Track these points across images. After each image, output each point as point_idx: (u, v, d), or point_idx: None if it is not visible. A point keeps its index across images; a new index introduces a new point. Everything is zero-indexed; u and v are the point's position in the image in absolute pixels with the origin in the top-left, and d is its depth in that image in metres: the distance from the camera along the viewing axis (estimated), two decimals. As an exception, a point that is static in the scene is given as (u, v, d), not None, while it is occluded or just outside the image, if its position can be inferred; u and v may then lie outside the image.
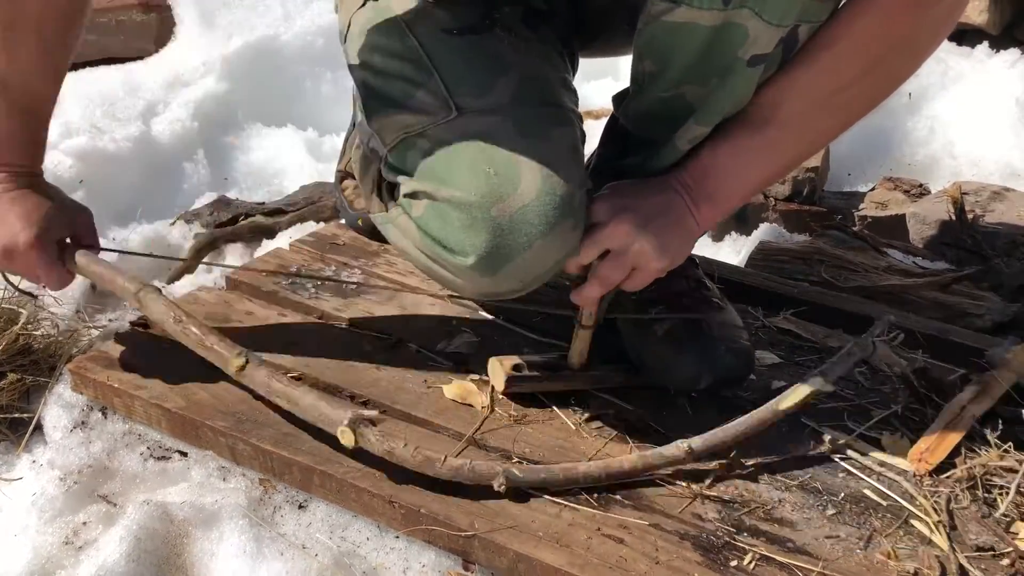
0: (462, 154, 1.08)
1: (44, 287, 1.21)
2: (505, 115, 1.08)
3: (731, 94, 1.03)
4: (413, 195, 1.13)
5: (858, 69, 1.02)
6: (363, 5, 1.19)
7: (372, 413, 1.06)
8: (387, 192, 1.23)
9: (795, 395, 1.09)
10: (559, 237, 1.05)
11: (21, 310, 1.33)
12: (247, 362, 1.10)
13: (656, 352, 1.20)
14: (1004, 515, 1.05)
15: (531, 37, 1.19)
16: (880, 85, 1.06)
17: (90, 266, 1.19)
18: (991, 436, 1.14)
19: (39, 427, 1.22)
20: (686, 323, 1.21)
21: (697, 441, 1.07)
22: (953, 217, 1.73)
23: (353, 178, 1.61)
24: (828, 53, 1.02)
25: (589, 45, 1.35)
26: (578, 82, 1.26)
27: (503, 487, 1.02)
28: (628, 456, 1.07)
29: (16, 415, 1.23)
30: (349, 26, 1.20)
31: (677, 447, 1.06)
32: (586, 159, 1.21)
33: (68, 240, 1.19)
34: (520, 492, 1.04)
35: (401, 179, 1.16)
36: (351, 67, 1.21)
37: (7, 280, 1.27)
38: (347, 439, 1.04)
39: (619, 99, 1.20)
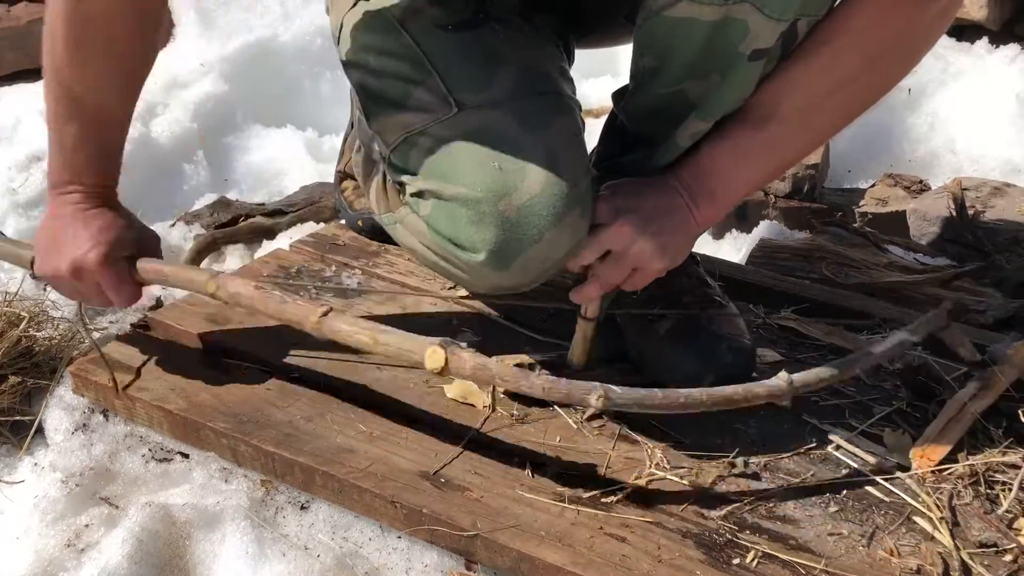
0: (465, 150, 1.08)
1: (111, 306, 1.20)
2: (506, 108, 1.08)
3: (732, 89, 1.03)
4: (419, 194, 1.13)
5: (857, 66, 1.02)
6: (354, 6, 1.18)
7: (463, 344, 1.04)
8: (393, 192, 1.23)
9: (886, 342, 1.12)
10: (568, 227, 1.05)
11: (23, 313, 1.33)
12: (330, 310, 1.09)
13: (658, 350, 1.20)
14: (1007, 511, 1.04)
15: (526, 29, 1.19)
16: (878, 81, 1.06)
17: (156, 269, 1.18)
18: (993, 432, 1.13)
19: (40, 430, 1.22)
20: (688, 321, 1.20)
21: (799, 376, 1.06)
22: (954, 213, 1.73)
23: (352, 179, 1.61)
24: (827, 50, 1.02)
25: (586, 37, 1.35)
26: (576, 79, 1.26)
27: (601, 400, 0.98)
28: (730, 387, 1.04)
29: (17, 418, 1.23)
30: (341, 27, 1.20)
31: (779, 378, 1.05)
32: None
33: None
34: (520, 489, 1.05)
35: (406, 178, 1.15)
36: (346, 69, 1.20)
37: (83, 321, 1.27)
38: (436, 359, 1.01)
39: (618, 96, 1.19)
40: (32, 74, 2.46)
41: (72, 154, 1.13)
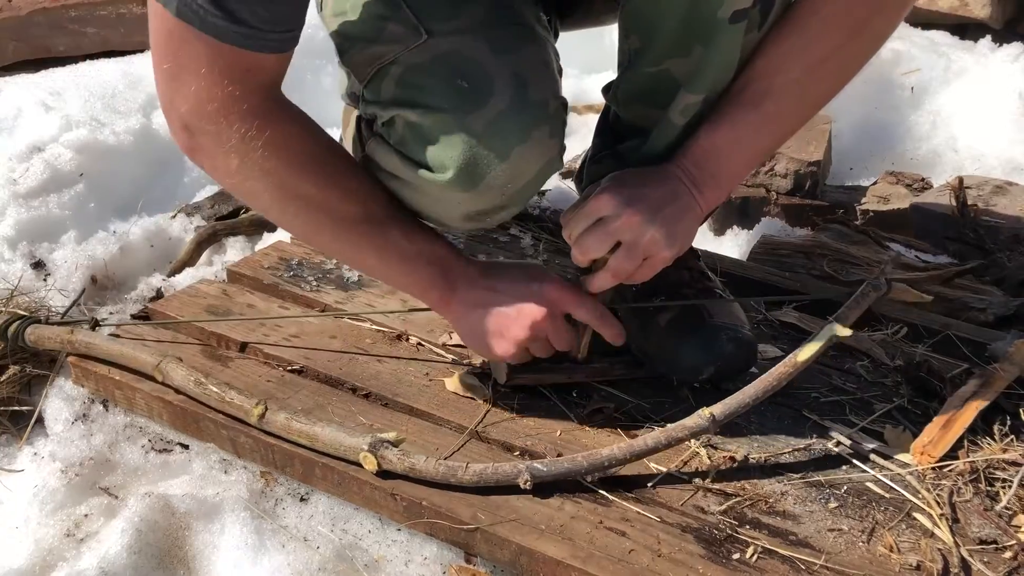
0: (434, 72, 1.06)
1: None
2: (476, 34, 1.07)
3: (718, 57, 1.04)
4: (390, 122, 1.12)
5: (846, 32, 1.03)
6: None
7: (390, 435, 1.07)
8: (367, 130, 1.23)
9: (813, 345, 1.07)
10: (536, 145, 1.05)
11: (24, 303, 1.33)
12: (266, 410, 1.11)
13: (658, 342, 1.20)
14: (1006, 508, 1.04)
15: None
16: (867, 46, 1.07)
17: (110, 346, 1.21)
18: (994, 429, 1.13)
19: (40, 420, 1.23)
20: (688, 314, 1.20)
21: (718, 408, 1.05)
22: (955, 211, 1.73)
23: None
24: (816, 19, 1.03)
25: (569, 16, 1.35)
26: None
27: (529, 483, 1.02)
28: (651, 433, 1.05)
29: (17, 407, 1.23)
30: None
31: (700, 416, 1.05)
32: (582, 153, 1.20)
33: None
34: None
35: (378, 110, 1.14)
36: (327, 25, 1.19)
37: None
38: (370, 464, 1.05)
39: (607, 89, 1.20)
40: (32, 65, 2.45)
41: (410, 249, 1.12)
